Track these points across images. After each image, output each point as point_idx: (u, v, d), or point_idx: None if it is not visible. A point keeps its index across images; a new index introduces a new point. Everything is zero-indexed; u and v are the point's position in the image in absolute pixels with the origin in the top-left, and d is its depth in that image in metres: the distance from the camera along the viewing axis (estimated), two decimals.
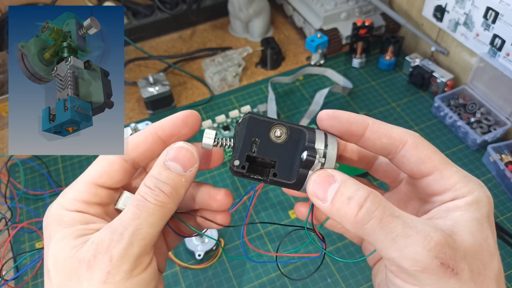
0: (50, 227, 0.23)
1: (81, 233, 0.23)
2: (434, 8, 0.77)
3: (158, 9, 0.95)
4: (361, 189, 0.22)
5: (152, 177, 0.23)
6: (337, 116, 0.25)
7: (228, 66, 0.83)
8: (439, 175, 0.24)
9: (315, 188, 0.23)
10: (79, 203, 0.24)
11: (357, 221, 0.21)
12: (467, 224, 0.22)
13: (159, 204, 0.23)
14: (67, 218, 0.23)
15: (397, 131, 0.24)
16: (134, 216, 0.22)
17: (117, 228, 0.22)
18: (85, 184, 0.24)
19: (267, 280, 0.57)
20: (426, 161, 0.24)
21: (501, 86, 0.69)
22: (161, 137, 0.25)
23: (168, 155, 0.24)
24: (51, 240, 0.23)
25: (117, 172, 0.25)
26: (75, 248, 0.22)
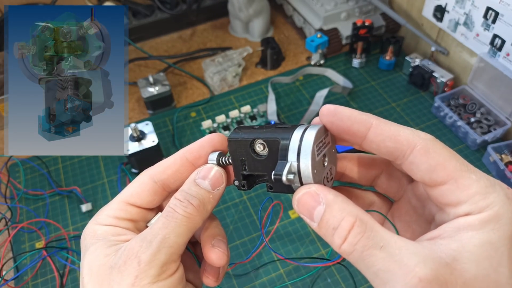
0: (86, 240, 0.25)
1: (113, 243, 0.24)
2: (434, 8, 0.77)
3: (158, 9, 0.95)
4: (346, 217, 0.20)
5: (182, 191, 0.25)
6: (338, 112, 0.23)
7: (228, 66, 0.83)
8: (454, 184, 0.20)
9: (301, 209, 0.22)
10: (111, 219, 0.26)
11: (341, 252, 0.21)
12: (475, 249, 0.19)
13: (187, 216, 0.24)
14: (100, 231, 0.25)
15: (405, 133, 0.22)
16: (163, 225, 0.24)
17: (146, 237, 0.23)
18: (118, 203, 0.26)
19: (267, 280, 0.57)
20: (438, 169, 0.21)
21: (501, 86, 0.69)
22: (189, 159, 0.27)
23: (199, 173, 0.26)
24: (86, 251, 0.25)
25: (146, 193, 0.26)
26: (107, 257, 0.23)
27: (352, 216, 0.20)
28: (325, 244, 0.59)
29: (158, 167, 0.27)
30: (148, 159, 0.68)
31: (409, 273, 0.18)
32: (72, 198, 0.67)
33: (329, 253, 0.28)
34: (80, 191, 0.68)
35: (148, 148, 0.65)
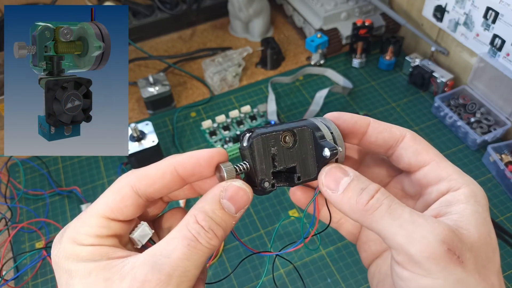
0: (67, 264, 0.22)
1: (108, 265, 0.21)
2: (434, 8, 0.77)
3: (158, 9, 0.95)
4: (372, 183, 0.23)
5: (205, 215, 0.22)
6: (341, 116, 0.26)
7: (228, 66, 0.83)
8: (436, 164, 0.25)
9: (328, 179, 0.24)
10: (93, 238, 0.22)
11: (367, 209, 0.22)
12: (471, 218, 0.22)
13: (210, 247, 0.22)
14: (85, 253, 0.22)
15: (396, 127, 0.27)
16: (184, 257, 0.21)
17: (165, 268, 0.21)
18: (96, 218, 0.23)
19: (267, 280, 0.57)
20: (423, 152, 0.25)
21: (501, 86, 0.69)
22: (181, 175, 0.24)
23: (225, 193, 0.23)
24: (74, 276, 0.21)
25: (129, 208, 0.23)
26: (109, 281, 0.21)
27: (376, 185, 0.23)
28: (325, 244, 0.59)
29: (143, 179, 0.23)
30: (148, 159, 0.68)
31: (433, 224, 0.21)
32: (72, 198, 0.67)
33: None
34: (80, 191, 0.68)
35: (148, 148, 0.65)
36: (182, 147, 0.74)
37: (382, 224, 0.22)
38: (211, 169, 0.24)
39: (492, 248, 0.22)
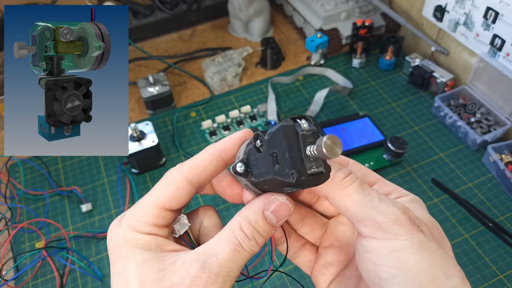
0: (125, 249, 0.24)
1: (163, 256, 0.24)
2: (434, 8, 0.77)
3: (158, 9, 0.95)
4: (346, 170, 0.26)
5: (249, 224, 0.24)
6: None
7: (228, 66, 0.83)
8: (382, 182, 0.28)
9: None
10: (151, 227, 0.25)
11: (341, 184, 0.24)
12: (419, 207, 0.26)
13: (251, 253, 0.24)
14: (143, 241, 0.24)
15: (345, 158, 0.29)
16: (230, 259, 0.23)
17: (214, 267, 0.23)
18: (155, 208, 0.25)
19: (267, 280, 0.57)
20: (368, 174, 0.28)
21: (501, 86, 0.69)
22: (224, 158, 0.26)
23: (269, 205, 0.25)
24: (131, 262, 0.23)
25: (185, 197, 0.26)
26: (163, 272, 0.23)
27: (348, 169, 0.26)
28: None
29: (194, 170, 0.25)
30: (148, 159, 0.68)
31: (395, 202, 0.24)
32: (72, 198, 0.67)
33: None
34: (80, 191, 0.68)
35: (148, 148, 0.65)
36: (182, 147, 0.74)
37: (353, 199, 0.24)
38: None
39: (440, 232, 0.25)
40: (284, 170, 0.22)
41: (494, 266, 0.56)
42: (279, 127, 0.22)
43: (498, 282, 0.55)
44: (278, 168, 0.22)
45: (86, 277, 0.58)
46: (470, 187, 0.65)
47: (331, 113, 0.78)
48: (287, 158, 0.22)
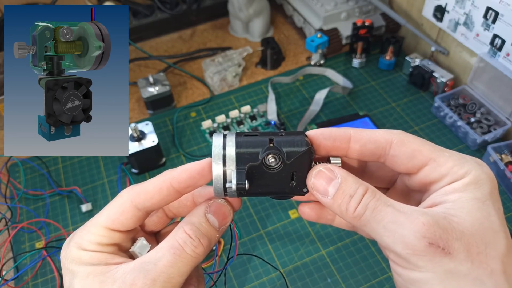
0: (71, 265, 0.25)
1: (104, 269, 0.24)
2: (434, 8, 0.77)
3: (158, 9, 0.95)
4: (360, 186, 0.23)
5: (193, 225, 0.24)
6: (321, 134, 0.26)
7: (228, 66, 0.83)
8: (434, 163, 0.24)
9: (317, 184, 0.24)
10: (94, 245, 0.25)
11: (355, 216, 0.23)
12: (465, 204, 0.22)
13: (195, 256, 0.24)
14: (86, 257, 0.25)
15: (380, 133, 0.25)
16: (169, 264, 0.23)
17: (150, 273, 0.23)
18: (99, 228, 0.25)
19: (267, 280, 0.57)
20: (417, 155, 0.24)
21: (501, 86, 0.69)
22: (176, 188, 0.26)
23: (210, 207, 0.25)
24: (76, 277, 0.24)
25: (129, 220, 0.26)
26: (103, 283, 0.23)
27: (364, 185, 0.24)
28: (325, 244, 0.59)
29: (142, 194, 0.25)
30: (148, 159, 0.68)
31: (414, 220, 0.21)
32: (72, 198, 0.67)
33: None
34: (80, 191, 0.68)
35: (148, 148, 0.65)
36: (182, 147, 0.74)
37: (370, 228, 0.23)
38: (204, 180, 0.26)
39: (492, 231, 0.21)
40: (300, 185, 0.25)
41: None
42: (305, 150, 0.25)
43: None
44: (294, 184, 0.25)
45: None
46: None
47: (331, 113, 0.78)
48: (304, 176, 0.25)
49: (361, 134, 0.25)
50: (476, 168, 0.23)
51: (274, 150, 0.24)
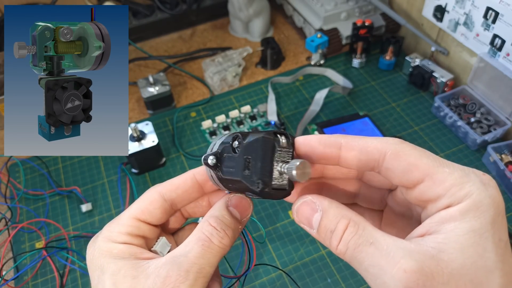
0: (100, 259, 0.25)
1: (137, 264, 0.24)
2: (434, 8, 0.77)
3: (158, 9, 0.95)
4: (341, 220, 0.22)
5: (216, 218, 0.25)
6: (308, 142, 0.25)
7: (228, 66, 0.83)
8: (430, 181, 0.21)
9: (301, 218, 0.24)
10: (124, 236, 0.26)
11: (338, 252, 0.22)
12: (460, 239, 0.19)
13: (222, 247, 0.24)
14: (116, 250, 0.25)
15: (374, 144, 0.23)
16: (199, 255, 0.24)
17: (183, 265, 0.23)
18: (128, 219, 0.26)
19: (267, 280, 0.57)
20: (412, 169, 0.22)
21: (501, 86, 0.69)
22: (199, 181, 0.27)
23: (231, 200, 0.26)
24: (106, 271, 0.24)
25: (157, 211, 0.27)
26: (136, 279, 0.23)
27: (346, 218, 0.22)
28: None
29: (168, 186, 0.27)
30: (148, 159, 0.68)
31: (395, 265, 0.19)
32: (72, 198, 0.67)
33: None
34: (80, 191, 0.68)
35: (148, 148, 0.65)
36: (182, 147, 0.74)
37: (353, 266, 0.22)
38: None
39: (485, 271, 0.19)
40: (252, 177, 0.23)
41: None
42: (261, 137, 0.23)
43: None
44: (248, 173, 0.23)
45: (86, 277, 0.58)
46: None
47: (331, 113, 0.78)
48: (259, 167, 0.23)
49: (353, 144, 0.23)
50: (479, 190, 0.20)
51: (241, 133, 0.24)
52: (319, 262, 0.58)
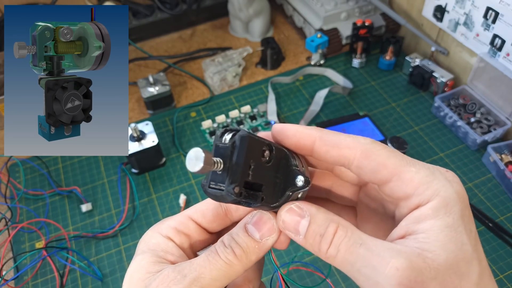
0: (140, 245, 0.26)
1: (159, 260, 0.25)
2: (434, 8, 0.77)
3: (158, 9, 0.95)
4: (330, 224, 0.23)
5: (229, 235, 0.25)
6: (285, 130, 0.25)
7: (228, 66, 0.83)
8: (398, 180, 0.22)
9: (287, 225, 0.24)
10: (171, 229, 0.26)
11: (328, 257, 0.22)
12: (439, 236, 0.21)
13: (227, 262, 0.24)
14: (154, 240, 0.26)
15: (346, 141, 0.23)
16: (202, 263, 0.24)
17: (184, 269, 0.23)
18: (182, 215, 0.27)
19: (267, 280, 0.57)
20: (381, 169, 0.23)
21: (501, 86, 0.69)
22: None
23: (251, 218, 0.25)
24: (136, 257, 0.25)
25: (210, 213, 0.27)
26: (148, 274, 0.24)
27: (335, 222, 0.23)
28: None
29: None
30: (148, 159, 0.68)
31: (387, 265, 0.20)
32: (72, 198, 0.67)
33: None
34: (80, 191, 0.68)
35: (148, 148, 0.65)
36: (182, 147, 0.74)
37: (345, 269, 0.22)
38: None
39: (465, 262, 0.21)
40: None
41: (494, 266, 0.56)
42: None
43: (498, 282, 0.55)
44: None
45: (86, 277, 0.58)
46: (470, 187, 0.65)
47: (331, 113, 0.78)
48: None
49: (326, 139, 0.24)
50: (445, 187, 0.22)
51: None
52: (319, 262, 0.58)
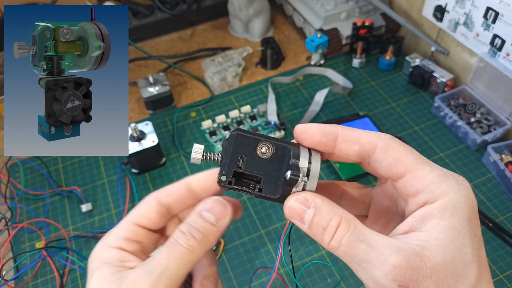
0: (92, 263, 0.26)
1: (118, 269, 0.25)
2: (434, 8, 0.77)
3: (158, 9, 0.95)
4: (333, 217, 0.24)
5: (186, 224, 0.26)
6: (307, 130, 0.26)
7: (228, 66, 0.83)
8: (411, 176, 0.23)
9: (293, 214, 0.25)
10: (120, 240, 0.26)
11: (330, 248, 0.23)
12: (440, 236, 0.22)
13: (189, 248, 0.25)
14: (107, 254, 0.26)
15: (367, 136, 0.25)
16: (165, 256, 0.24)
17: (148, 267, 0.24)
18: (126, 223, 0.27)
19: (267, 280, 0.57)
20: (397, 163, 0.24)
21: (501, 86, 0.69)
22: (194, 188, 0.28)
23: (205, 205, 0.26)
24: (93, 275, 0.25)
25: (153, 215, 0.27)
26: (112, 284, 0.24)
27: (338, 216, 0.24)
28: None
29: (164, 191, 0.28)
30: (148, 159, 0.68)
31: (385, 261, 0.21)
32: (72, 198, 0.67)
33: None
34: (80, 191, 0.68)
35: (148, 148, 0.65)
36: (182, 147, 0.74)
37: (345, 261, 0.23)
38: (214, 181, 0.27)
39: (462, 264, 0.21)
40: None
41: (494, 266, 0.56)
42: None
43: (498, 282, 0.55)
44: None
45: (86, 277, 0.58)
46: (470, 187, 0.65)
47: (331, 113, 0.78)
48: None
49: (348, 134, 0.25)
50: (455, 189, 0.23)
51: None
52: (319, 262, 0.58)
